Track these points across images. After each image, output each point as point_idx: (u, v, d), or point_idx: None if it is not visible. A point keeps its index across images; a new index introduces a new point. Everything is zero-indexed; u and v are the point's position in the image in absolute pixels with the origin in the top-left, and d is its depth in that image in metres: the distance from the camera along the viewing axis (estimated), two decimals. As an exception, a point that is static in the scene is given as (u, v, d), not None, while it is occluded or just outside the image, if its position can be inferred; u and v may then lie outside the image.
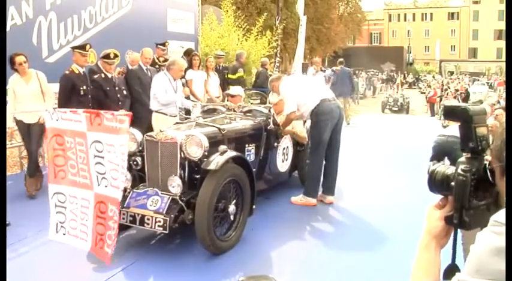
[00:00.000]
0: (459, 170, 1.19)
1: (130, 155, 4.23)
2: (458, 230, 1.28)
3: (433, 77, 42.75)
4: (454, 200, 1.23)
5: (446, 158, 6.91)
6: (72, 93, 5.73)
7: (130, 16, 8.49)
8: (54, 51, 6.99)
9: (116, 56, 6.13)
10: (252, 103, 5.91)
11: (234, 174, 4.08)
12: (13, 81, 5.53)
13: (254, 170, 4.57)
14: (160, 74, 6.12)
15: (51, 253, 4.04)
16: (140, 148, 4.30)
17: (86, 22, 7.61)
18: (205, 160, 3.96)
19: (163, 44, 8.29)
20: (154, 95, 5.91)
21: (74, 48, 6.00)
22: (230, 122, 5.05)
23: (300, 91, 5.44)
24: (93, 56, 7.40)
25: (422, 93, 29.96)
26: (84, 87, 5.79)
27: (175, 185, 3.93)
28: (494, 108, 10.30)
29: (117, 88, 6.18)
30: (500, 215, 1.02)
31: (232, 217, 4.12)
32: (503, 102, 14.74)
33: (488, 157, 1.21)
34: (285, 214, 5.14)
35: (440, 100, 20.25)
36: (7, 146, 6.38)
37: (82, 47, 5.91)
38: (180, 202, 3.89)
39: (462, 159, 1.23)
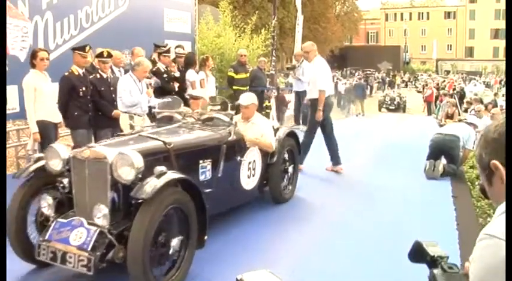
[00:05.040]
0: None
1: (56, 176, 3.63)
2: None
3: (430, 75, 42.89)
4: None
5: (442, 156, 6.94)
6: (71, 95, 5.74)
7: (126, 16, 8.47)
8: (50, 51, 6.96)
9: (109, 55, 6.12)
10: (211, 109, 5.09)
11: (176, 201, 3.37)
12: (34, 79, 5.35)
13: (209, 190, 4.05)
14: (126, 75, 6.09)
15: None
16: (67, 167, 3.62)
17: (82, 22, 7.60)
18: (139, 183, 3.28)
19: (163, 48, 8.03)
20: (120, 97, 5.86)
21: (73, 49, 5.99)
22: (182, 133, 4.38)
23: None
24: (90, 56, 7.38)
25: (418, 92, 30.08)
26: (84, 88, 5.79)
27: (101, 215, 3.26)
28: (491, 107, 10.33)
29: (112, 88, 6.17)
30: (489, 228, 1.07)
31: (175, 253, 3.41)
32: (499, 102, 14.81)
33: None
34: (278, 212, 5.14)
35: (437, 99, 20.34)
36: (4, 146, 6.36)
37: (82, 48, 5.89)
38: (109, 236, 3.23)
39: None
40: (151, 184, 3.19)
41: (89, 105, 5.83)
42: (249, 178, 4.81)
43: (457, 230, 4.61)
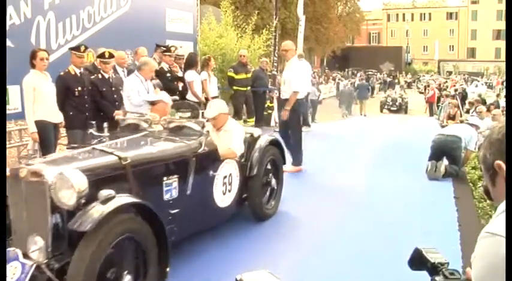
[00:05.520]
0: None
1: None
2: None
3: (432, 76, 42.85)
4: None
5: (444, 157, 6.93)
6: (67, 94, 5.75)
7: (128, 16, 8.48)
8: (52, 51, 6.97)
9: (111, 55, 6.13)
10: (181, 117, 4.42)
11: (128, 229, 2.89)
12: (34, 79, 5.38)
13: (176, 211, 3.58)
14: (132, 75, 6.09)
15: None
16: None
17: (84, 22, 7.61)
18: (82, 210, 2.79)
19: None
20: (128, 97, 5.85)
21: (70, 49, 6.03)
22: (144, 144, 3.85)
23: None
24: (92, 56, 7.41)
25: (420, 93, 30.06)
26: (79, 88, 5.79)
27: (36, 249, 2.80)
28: (493, 108, 10.32)
29: (113, 89, 6.17)
30: (491, 226, 1.08)
31: None
32: (502, 103, 14.79)
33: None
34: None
35: (439, 101, 20.32)
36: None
37: (77, 48, 5.92)
38: (48, 273, 2.73)
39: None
40: (94, 213, 2.71)
41: (85, 106, 5.82)
42: (224, 194, 4.25)
43: (458, 231, 4.60)
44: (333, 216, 5.15)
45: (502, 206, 1.11)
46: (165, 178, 3.56)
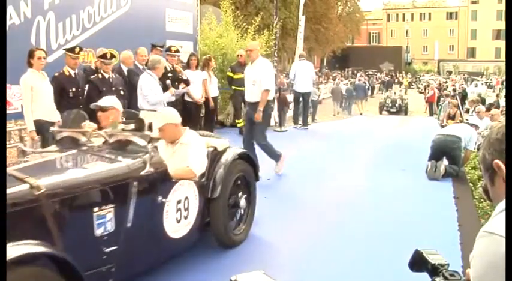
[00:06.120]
0: None
1: None
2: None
3: (432, 75, 42.90)
4: None
5: (444, 157, 6.94)
6: (62, 95, 5.76)
7: (128, 16, 8.48)
8: (52, 51, 6.98)
9: (112, 56, 6.14)
10: (123, 129, 3.54)
11: None
12: (31, 78, 5.40)
13: (113, 248, 2.91)
14: (145, 74, 6.10)
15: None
16: None
17: (84, 22, 7.61)
18: None
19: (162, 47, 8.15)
20: (145, 97, 5.87)
21: (65, 50, 6.04)
22: (71, 166, 3.21)
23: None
24: (92, 55, 7.42)
25: (420, 93, 30.10)
26: (74, 89, 5.80)
27: None
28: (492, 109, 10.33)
29: (113, 89, 6.19)
30: (489, 226, 1.08)
31: None
32: (502, 102, 14.80)
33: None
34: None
35: (439, 101, 20.35)
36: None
37: (71, 50, 5.93)
38: None
39: None
40: None
41: (80, 107, 5.83)
42: (179, 223, 3.50)
43: (458, 231, 4.60)
44: (332, 216, 5.15)
45: (501, 206, 1.12)
46: (96, 209, 2.85)
